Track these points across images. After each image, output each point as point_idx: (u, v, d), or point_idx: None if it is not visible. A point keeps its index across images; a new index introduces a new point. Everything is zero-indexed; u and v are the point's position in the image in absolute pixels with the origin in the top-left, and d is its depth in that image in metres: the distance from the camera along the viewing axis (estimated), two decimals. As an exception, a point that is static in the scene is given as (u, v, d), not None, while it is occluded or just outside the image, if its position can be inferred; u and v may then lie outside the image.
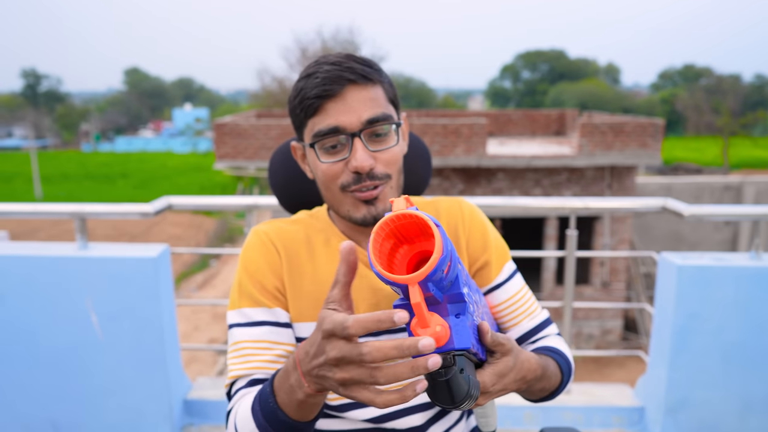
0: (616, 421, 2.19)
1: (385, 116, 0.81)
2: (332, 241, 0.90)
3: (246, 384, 0.83)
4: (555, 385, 0.86)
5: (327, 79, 0.79)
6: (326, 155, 0.82)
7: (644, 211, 2.11)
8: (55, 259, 1.97)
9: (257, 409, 0.72)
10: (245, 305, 0.86)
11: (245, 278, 0.88)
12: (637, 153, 10.21)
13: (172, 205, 2.09)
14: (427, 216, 0.58)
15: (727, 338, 1.97)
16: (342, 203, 0.85)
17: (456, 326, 0.62)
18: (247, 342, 0.84)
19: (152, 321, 2.00)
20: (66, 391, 2.04)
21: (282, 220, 0.94)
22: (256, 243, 0.90)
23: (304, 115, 0.82)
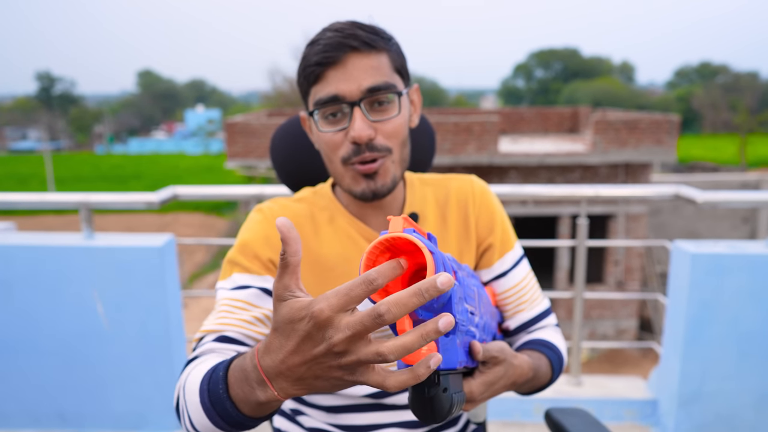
0: (628, 415, 2.14)
1: (387, 85, 0.78)
2: (336, 218, 0.88)
3: (214, 339, 0.79)
4: (544, 383, 0.88)
5: (328, 46, 0.77)
6: (326, 124, 0.80)
7: (657, 199, 2.06)
8: (61, 249, 1.98)
9: (205, 389, 0.65)
10: (235, 271, 0.85)
11: (238, 250, 0.86)
12: (652, 150, 10.07)
13: (178, 194, 2.08)
14: (421, 241, 0.54)
15: (742, 328, 1.91)
16: (343, 176, 0.83)
17: (444, 345, 0.61)
18: (227, 301, 0.82)
19: (158, 310, 1.99)
20: (72, 380, 2.04)
21: (286, 198, 0.93)
22: (257, 219, 0.88)
23: (306, 83, 0.80)
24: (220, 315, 0.81)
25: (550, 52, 56.02)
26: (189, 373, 0.72)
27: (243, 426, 0.63)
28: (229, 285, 0.84)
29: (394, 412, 0.87)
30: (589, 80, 47.98)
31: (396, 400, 0.87)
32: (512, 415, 2.16)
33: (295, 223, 0.88)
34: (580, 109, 14.75)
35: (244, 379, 0.58)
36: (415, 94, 0.90)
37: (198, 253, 17.69)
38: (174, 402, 0.73)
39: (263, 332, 0.82)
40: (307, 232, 0.87)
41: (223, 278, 0.86)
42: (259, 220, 0.88)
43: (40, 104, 53.23)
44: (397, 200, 0.89)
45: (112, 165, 33.35)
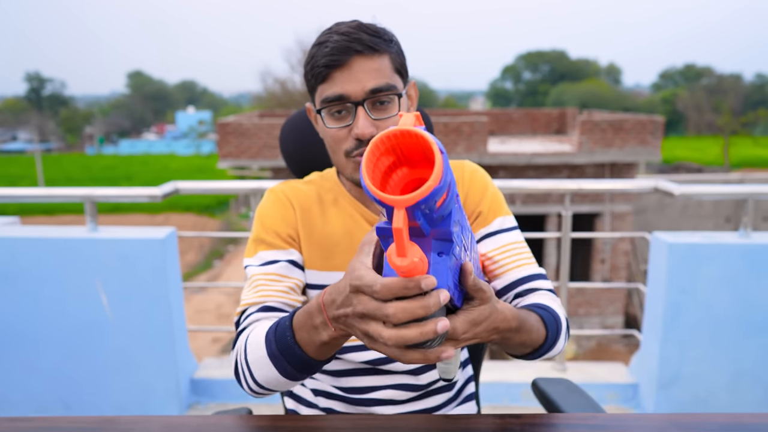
0: (611, 398, 2.25)
1: (388, 86, 0.86)
2: (340, 200, 0.97)
3: (257, 310, 0.88)
4: (538, 341, 0.81)
5: (336, 49, 0.84)
6: (332, 121, 0.88)
7: (637, 192, 2.17)
8: (65, 241, 2.04)
9: (272, 339, 0.74)
10: (261, 249, 0.94)
11: (260, 229, 0.96)
12: (636, 150, 10.27)
13: (179, 189, 2.16)
14: (432, 138, 0.53)
15: (716, 313, 2.03)
16: (345, 167, 0.91)
17: (436, 264, 0.58)
18: (260, 276, 0.91)
19: (160, 301, 2.06)
20: (76, 369, 2.10)
21: (295, 180, 1.02)
22: (272, 198, 0.98)
23: (314, 81, 0.88)
24: (257, 289, 0.90)
25: (537, 55, 56.47)
26: (248, 336, 0.81)
27: (308, 368, 0.73)
28: (258, 262, 0.93)
29: (389, 376, 0.97)
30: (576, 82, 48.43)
31: (392, 366, 0.96)
32: (501, 399, 2.26)
33: (304, 204, 0.97)
34: (567, 110, 14.95)
35: (310, 322, 0.69)
36: (412, 89, 0.98)
37: (189, 253, 17.64)
38: (233, 368, 0.82)
39: (298, 299, 0.91)
40: (315, 212, 0.97)
41: (249, 256, 0.95)
42: (273, 201, 0.98)
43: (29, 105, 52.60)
44: None
45: (103, 166, 33.05)
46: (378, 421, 0.81)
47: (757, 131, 34.92)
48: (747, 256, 1.99)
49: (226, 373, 2.30)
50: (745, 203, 2.03)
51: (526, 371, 2.35)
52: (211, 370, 2.32)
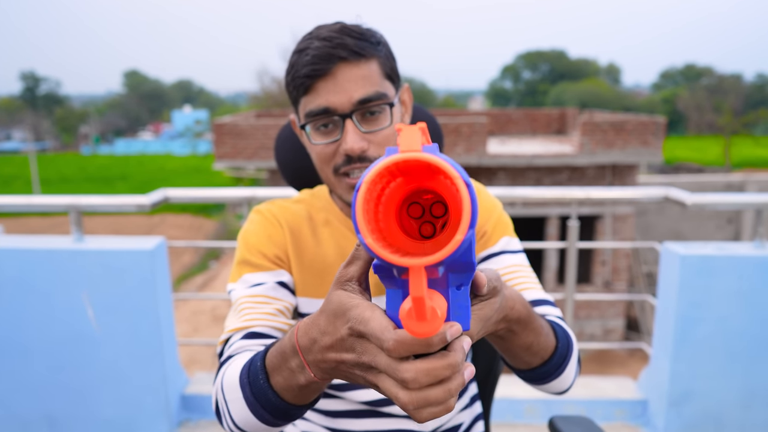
0: (619, 415, 2.16)
1: (378, 95, 0.78)
2: (332, 220, 0.89)
3: (242, 336, 0.78)
4: (546, 349, 0.73)
5: (317, 57, 0.76)
6: (318, 136, 0.80)
7: (646, 201, 2.08)
8: (50, 252, 1.95)
9: (245, 382, 0.65)
10: (245, 272, 0.85)
11: (245, 250, 0.87)
12: (638, 151, 10.18)
13: (169, 197, 2.07)
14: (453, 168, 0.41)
15: (731, 329, 1.94)
16: (336, 185, 0.84)
17: (455, 301, 0.50)
18: (246, 299, 0.82)
19: (149, 314, 1.98)
20: (62, 385, 2.02)
21: (284, 199, 0.94)
22: (257, 219, 0.90)
23: (296, 93, 0.80)
24: (242, 313, 0.80)
25: (537, 54, 56.41)
26: (225, 372, 0.71)
27: (288, 415, 0.63)
28: (243, 285, 0.84)
29: (391, 419, 0.88)
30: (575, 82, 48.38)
31: (393, 409, 0.87)
32: (506, 416, 2.17)
33: (293, 224, 0.89)
34: (567, 110, 14.87)
35: (284, 362, 0.59)
36: (405, 94, 0.89)
37: (186, 255, 17.55)
38: (213, 405, 0.73)
39: (289, 323, 0.82)
40: (306, 233, 0.89)
41: (234, 280, 0.86)
42: (259, 221, 0.89)
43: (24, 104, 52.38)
44: None
45: (99, 166, 32.96)
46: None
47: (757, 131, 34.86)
48: (763, 269, 1.91)
49: (218, 387, 2.22)
50: (760, 214, 1.94)
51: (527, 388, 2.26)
52: (202, 385, 2.23)
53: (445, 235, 0.47)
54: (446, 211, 0.50)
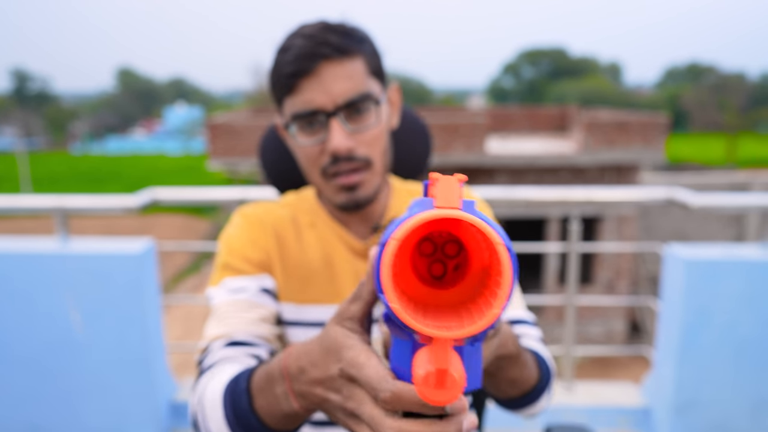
0: (621, 422, 2.09)
1: (363, 95, 0.76)
2: (318, 224, 0.87)
3: (223, 345, 0.74)
4: (529, 381, 0.72)
5: (300, 56, 0.74)
6: (304, 135, 0.78)
7: (649, 203, 2.01)
8: (33, 256, 1.90)
9: (228, 401, 0.62)
10: (226, 276, 0.82)
11: (226, 254, 0.84)
12: (641, 150, 10.10)
13: (157, 199, 2.00)
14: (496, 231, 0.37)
15: (738, 334, 1.87)
16: (324, 187, 0.81)
17: (469, 358, 0.46)
18: (227, 306, 0.78)
19: (136, 319, 1.92)
20: (46, 393, 1.96)
21: (268, 201, 0.91)
22: (241, 222, 0.87)
23: (280, 93, 0.78)
24: (223, 319, 0.77)
25: (538, 52, 56.27)
26: (206, 386, 0.68)
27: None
28: (224, 290, 0.81)
29: None
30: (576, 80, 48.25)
31: None
32: (501, 422, 2.11)
33: (277, 227, 0.86)
34: (568, 108, 14.79)
35: (269, 387, 0.58)
36: (394, 93, 0.87)
37: (178, 256, 17.48)
38: (190, 417, 0.69)
39: (272, 331, 0.79)
40: (290, 237, 0.86)
41: (214, 284, 0.83)
42: (243, 225, 0.86)
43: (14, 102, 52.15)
44: (380, 206, 0.87)
45: (90, 165, 32.90)
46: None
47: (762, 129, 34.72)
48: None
49: (209, 394, 2.16)
50: (765, 216, 1.87)
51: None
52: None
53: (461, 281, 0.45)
54: (459, 250, 0.47)
